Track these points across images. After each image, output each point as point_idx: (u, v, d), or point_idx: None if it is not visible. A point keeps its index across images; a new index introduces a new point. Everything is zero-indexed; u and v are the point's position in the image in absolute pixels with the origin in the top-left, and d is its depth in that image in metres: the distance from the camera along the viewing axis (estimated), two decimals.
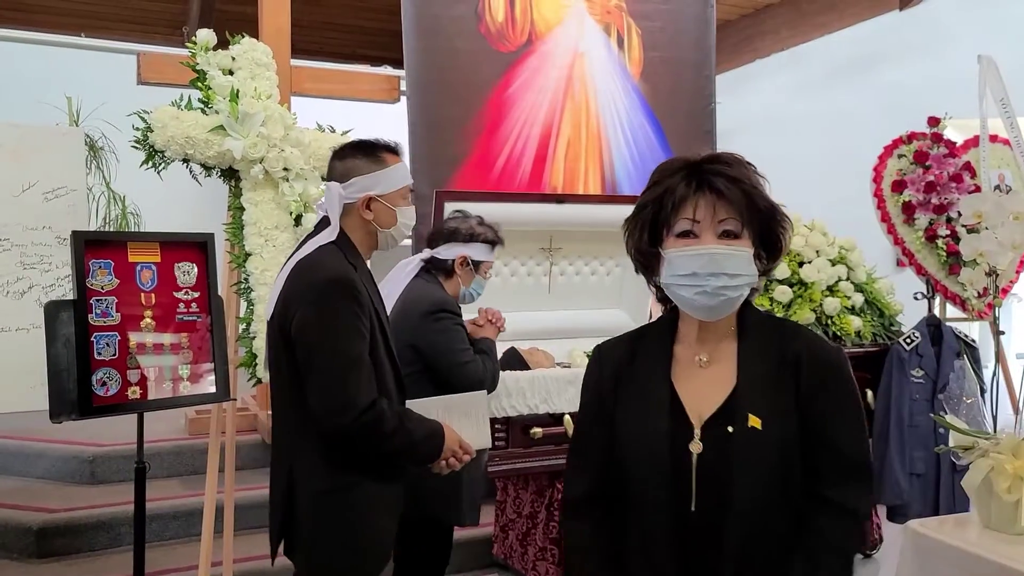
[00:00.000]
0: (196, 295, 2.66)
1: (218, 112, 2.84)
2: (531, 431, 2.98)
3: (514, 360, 3.14)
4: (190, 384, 2.64)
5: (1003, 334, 3.31)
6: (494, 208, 3.09)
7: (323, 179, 2.05)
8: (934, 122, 3.75)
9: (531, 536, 3.29)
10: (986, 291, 2.94)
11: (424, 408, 2.01)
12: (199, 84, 2.88)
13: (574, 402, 3.05)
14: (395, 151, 2.03)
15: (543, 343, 3.45)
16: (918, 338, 3.45)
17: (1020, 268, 3.64)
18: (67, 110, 5.76)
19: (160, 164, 2.81)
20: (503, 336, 2.81)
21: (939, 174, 3.60)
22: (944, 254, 3.58)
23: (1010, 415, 3.00)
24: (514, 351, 3.20)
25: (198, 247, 2.70)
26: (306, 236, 2.02)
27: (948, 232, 3.57)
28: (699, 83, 5.10)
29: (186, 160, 2.83)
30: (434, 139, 4.35)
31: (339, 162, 2.00)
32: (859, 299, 3.63)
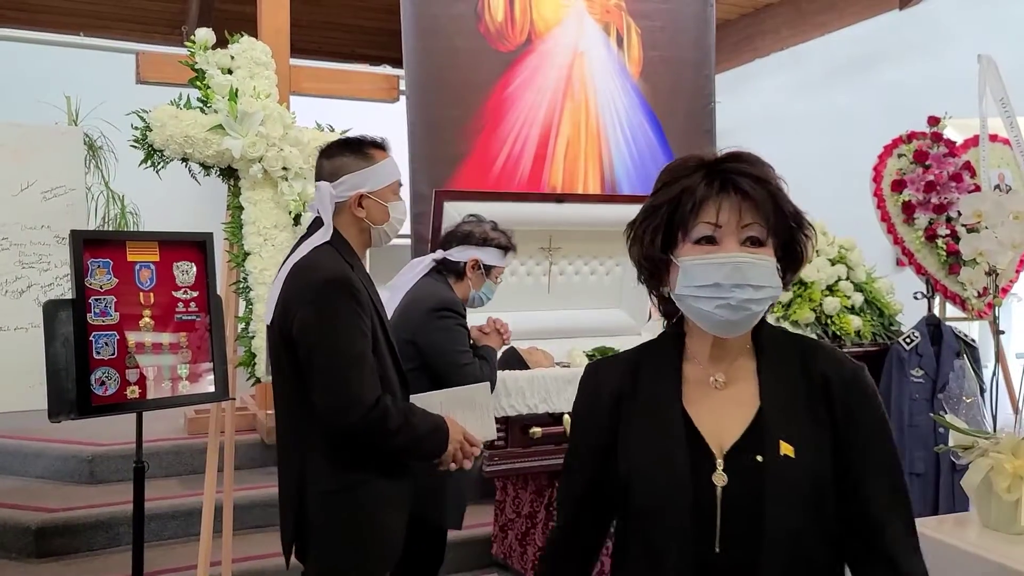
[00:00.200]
0: (195, 294, 2.66)
1: (217, 111, 2.84)
2: (530, 431, 2.98)
3: (513, 360, 3.14)
4: (189, 384, 2.64)
5: (1003, 333, 3.31)
6: (493, 208, 3.09)
7: (322, 179, 2.04)
8: (934, 121, 3.74)
9: (530, 536, 3.29)
10: (986, 290, 2.94)
11: (427, 402, 2.01)
12: (198, 83, 2.88)
13: (573, 402, 3.05)
14: (382, 147, 2.03)
15: (542, 343, 3.44)
16: (918, 338, 3.44)
17: (1020, 267, 3.64)
18: (66, 109, 5.75)
19: (159, 163, 2.81)
20: None
21: (939, 173, 3.60)
22: (944, 254, 3.58)
23: (1010, 415, 2.99)
24: (513, 351, 3.20)
25: (197, 246, 2.69)
26: (300, 238, 2.02)
27: (948, 232, 3.57)
28: (699, 82, 5.10)
29: (185, 159, 2.83)
30: (433, 139, 4.35)
31: (327, 161, 2.00)
32: (859, 299, 3.63)
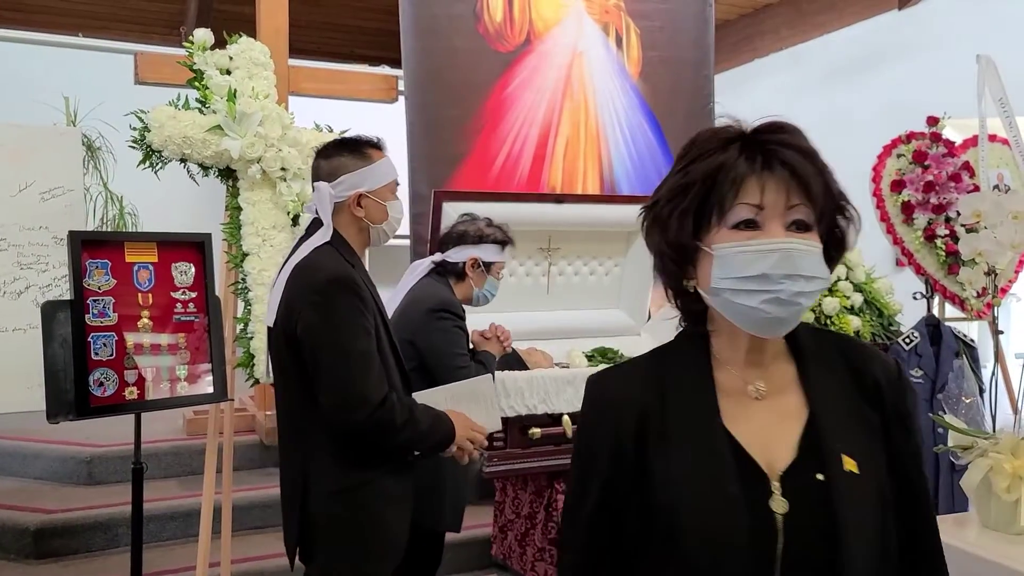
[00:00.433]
0: (193, 295, 2.66)
1: (215, 112, 2.84)
2: (530, 431, 2.97)
3: (512, 360, 3.13)
4: (188, 384, 2.64)
5: (1002, 333, 3.30)
6: (493, 208, 3.08)
7: (319, 179, 2.04)
8: (933, 121, 3.74)
9: (530, 536, 3.28)
10: (985, 291, 2.94)
11: (431, 399, 2.01)
12: (196, 84, 2.88)
13: (573, 402, 3.05)
14: (379, 146, 2.04)
15: (542, 343, 3.44)
16: (917, 338, 3.44)
17: (1019, 268, 3.64)
18: (64, 110, 5.75)
19: (157, 164, 2.81)
20: None
21: (938, 174, 3.60)
22: (943, 254, 3.58)
23: (1009, 415, 2.99)
24: (513, 351, 3.20)
25: (195, 247, 2.69)
26: (299, 239, 2.02)
27: (947, 232, 3.57)
28: (698, 83, 5.10)
29: (183, 160, 2.83)
30: (432, 139, 4.35)
31: (325, 161, 2.00)
32: (858, 299, 3.63)
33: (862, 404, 1.04)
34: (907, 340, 3.45)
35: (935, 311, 3.62)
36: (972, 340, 3.51)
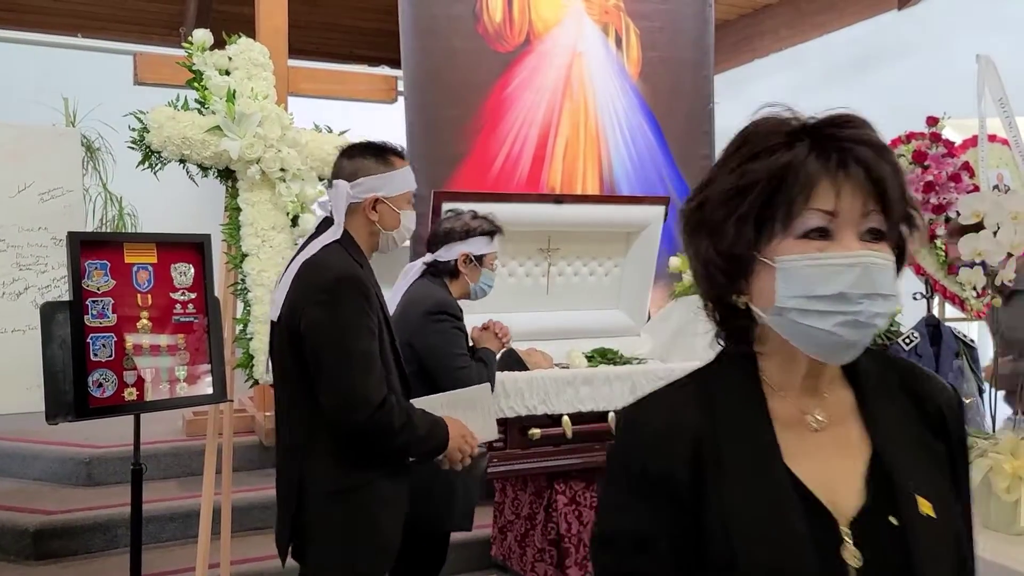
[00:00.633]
0: (193, 296, 2.65)
1: (215, 112, 2.83)
2: (529, 432, 2.97)
3: (512, 361, 3.13)
4: (187, 385, 2.63)
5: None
6: (492, 208, 3.08)
7: (329, 178, 2.05)
8: (932, 122, 3.74)
9: (529, 537, 3.28)
10: (984, 291, 2.94)
11: (429, 405, 2.02)
12: (196, 84, 2.88)
13: (572, 403, 3.05)
14: (402, 156, 2.09)
15: (541, 344, 3.44)
16: (917, 338, 3.44)
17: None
18: (64, 111, 5.75)
19: (156, 165, 2.81)
20: None
21: (938, 174, 3.60)
22: (943, 254, 3.57)
23: (1008, 415, 2.99)
24: (512, 352, 3.19)
25: (195, 248, 2.69)
26: (309, 237, 2.03)
27: (946, 232, 3.56)
28: (698, 83, 5.10)
29: (183, 160, 2.82)
30: (432, 139, 4.35)
31: (347, 161, 2.02)
32: None
33: (926, 435, 0.94)
34: (907, 340, 3.44)
35: (935, 311, 3.61)
36: (972, 340, 3.51)
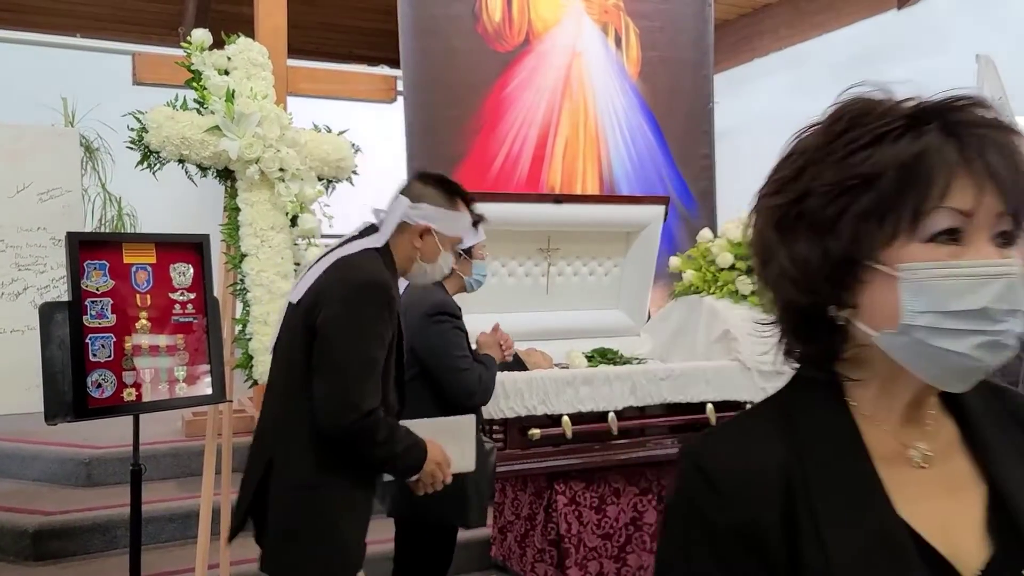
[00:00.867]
0: (192, 296, 2.65)
1: (214, 112, 2.83)
2: (529, 432, 2.97)
3: (512, 361, 3.13)
4: (186, 386, 2.63)
5: None
6: (491, 208, 3.06)
7: (404, 194, 2.07)
8: None
9: (529, 537, 3.28)
10: None
11: (413, 429, 2.00)
12: (195, 84, 2.87)
13: (572, 403, 3.04)
14: (470, 204, 2.13)
15: (541, 344, 3.43)
16: None
17: None
18: (62, 111, 5.75)
19: (155, 165, 2.80)
20: None
21: None
22: None
23: None
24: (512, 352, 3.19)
25: (194, 248, 2.68)
26: (349, 236, 2.04)
27: None
28: (697, 83, 5.09)
29: (182, 161, 2.82)
30: (431, 139, 4.34)
31: (419, 184, 2.08)
32: None
33: None
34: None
35: None
36: None
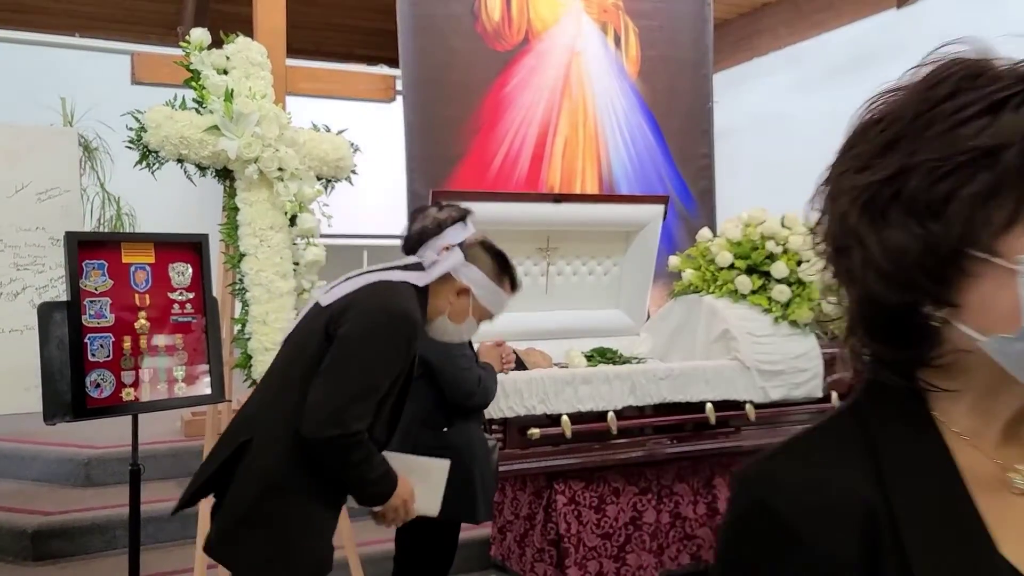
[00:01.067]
0: (191, 296, 2.65)
1: (212, 112, 2.82)
2: (528, 432, 2.97)
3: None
4: (185, 386, 2.63)
5: None
6: (491, 208, 3.07)
7: (462, 248, 2.09)
8: None
9: (529, 537, 3.27)
10: None
11: (388, 459, 2.00)
12: (193, 84, 2.87)
13: (572, 403, 3.04)
14: (516, 288, 2.18)
15: (540, 343, 3.43)
16: None
17: None
18: (61, 110, 5.74)
19: (154, 164, 2.80)
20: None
21: None
22: None
23: None
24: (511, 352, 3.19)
25: (193, 248, 2.68)
26: (396, 264, 2.06)
27: None
28: (697, 82, 5.09)
29: (180, 160, 2.82)
30: (430, 138, 4.34)
31: (479, 247, 2.11)
32: None
33: None
34: None
35: None
36: None
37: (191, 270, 2.65)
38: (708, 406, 3.26)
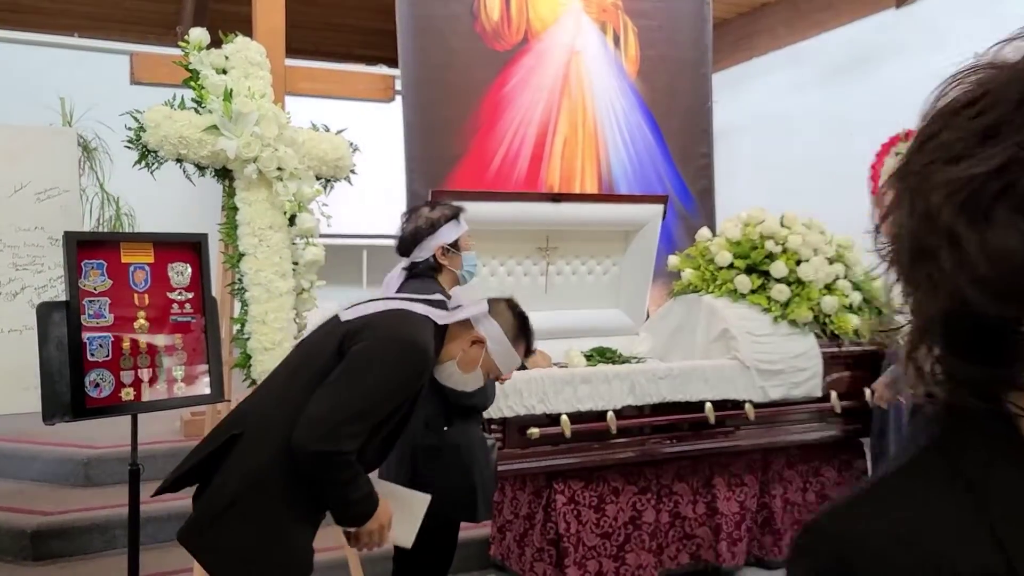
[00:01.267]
0: (190, 296, 2.64)
1: (211, 111, 2.82)
2: (528, 431, 2.97)
3: None
4: (184, 385, 2.62)
5: None
6: (490, 207, 3.08)
7: (489, 302, 2.14)
8: None
9: (528, 537, 3.27)
10: None
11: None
12: (192, 84, 2.87)
13: (571, 402, 3.04)
14: (530, 354, 2.24)
15: (540, 343, 3.41)
16: None
17: None
18: (60, 110, 5.73)
19: (153, 164, 2.79)
20: None
21: None
22: None
23: None
24: None
25: (192, 247, 2.68)
26: (426, 297, 2.08)
27: None
28: (696, 81, 5.09)
29: (179, 160, 2.81)
30: (430, 138, 4.34)
31: (504, 305, 2.15)
32: (857, 297, 3.62)
33: None
34: None
35: None
36: None
37: (190, 270, 2.65)
38: (707, 405, 3.26)
